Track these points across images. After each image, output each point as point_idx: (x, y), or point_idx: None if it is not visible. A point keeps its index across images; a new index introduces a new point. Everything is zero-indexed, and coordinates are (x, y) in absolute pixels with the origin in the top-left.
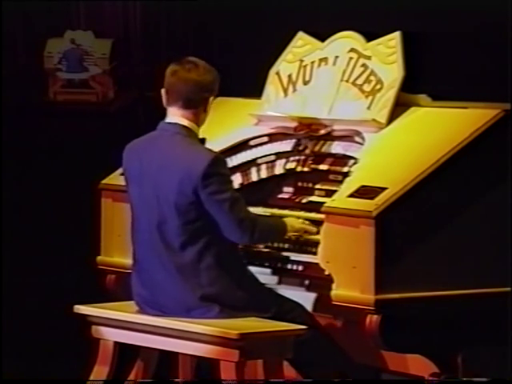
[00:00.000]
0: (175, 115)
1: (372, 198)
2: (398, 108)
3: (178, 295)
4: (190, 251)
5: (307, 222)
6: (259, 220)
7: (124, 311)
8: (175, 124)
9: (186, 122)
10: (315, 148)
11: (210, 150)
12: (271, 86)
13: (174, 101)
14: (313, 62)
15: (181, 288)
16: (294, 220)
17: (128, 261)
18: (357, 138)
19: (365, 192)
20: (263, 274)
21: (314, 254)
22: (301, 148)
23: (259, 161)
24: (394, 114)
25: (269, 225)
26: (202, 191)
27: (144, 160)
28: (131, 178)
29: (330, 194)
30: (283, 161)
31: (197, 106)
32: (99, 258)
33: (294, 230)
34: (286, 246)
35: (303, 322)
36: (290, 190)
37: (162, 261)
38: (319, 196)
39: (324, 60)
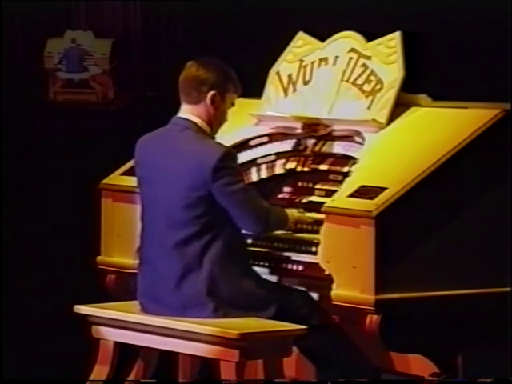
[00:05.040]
0: (183, 111)
1: (372, 198)
2: (398, 108)
3: (178, 288)
4: (195, 245)
5: (301, 210)
6: (271, 208)
7: (124, 311)
8: (185, 119)
9: (193, 118)
10: (315, 148)
11: (220, 144)
12: (271, 86)
13: (181, 97)
14: (313, 62)
15: (182, 281)
16: (293, 210)
17: (128, 261)
18: (357, 138)
19: (365, 192)
20: (263, 274)
21: (314, 253)
22: (301, 148)
23: (259, 161)
24: (394, 114)
25: (278, 214)
26: (213, 184)
27: (155, 153)
28: (142, 171)
29: (330, 193)
30: (283, 161)
31: (197, 100)
32: (99, 258)
33: (293, 219)
34: (287, 246)
35: (309, 311)
36: (290, 190)
37: (167, 254)
38: (319, 196)
39: (324, 60)
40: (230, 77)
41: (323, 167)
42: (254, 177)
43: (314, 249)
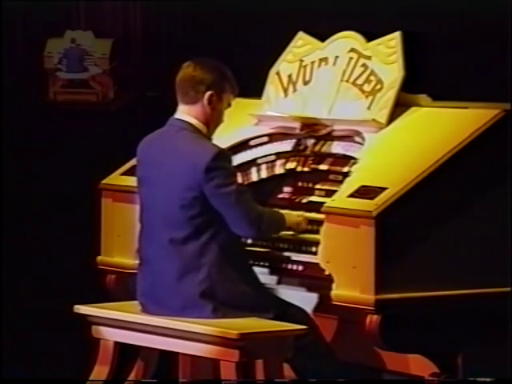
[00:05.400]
0: (180, 111)
1: (372, 198)
2: (398, 108)
3: (177, 289)
4: (192, 245)
5: (301, 214)
6: (265, 213)
7: (124, 311)
8: (180, 120)
9: (189, 119)
10: (315, 148)
11: (214, 145)
12: (271, 86)
13: (178, 97)
14: (313, 62)
15: (180, 281)
16: (291, 214)
17: (128, 261)
18: (357, 138)
19: (365, 192)
20: (263, 274)
21: (314, 253)
22: (301, 148)
23: (259, 161)
24: (394, 114)
25: (273, 218)
26: (206, 185)
27: (153, 154)
28: (141, 171)
29: (330, 194)
30: (283, 161)
31: (194, 100)
32: (99, 258)
33: (291, 223)
34: (286, 246)
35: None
36: (290, 190)
37: (165, 253)
38: (319, 196)
39: (324, 60)
40: (226, 77)
41: (323, 167)
42: (254, 177)
43: (314, 249)
